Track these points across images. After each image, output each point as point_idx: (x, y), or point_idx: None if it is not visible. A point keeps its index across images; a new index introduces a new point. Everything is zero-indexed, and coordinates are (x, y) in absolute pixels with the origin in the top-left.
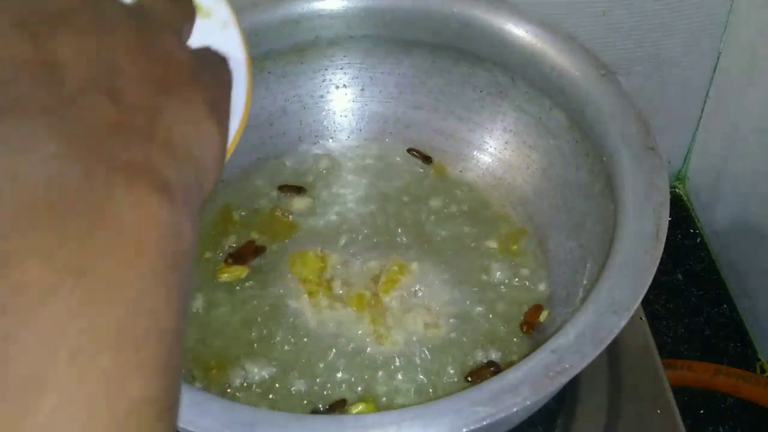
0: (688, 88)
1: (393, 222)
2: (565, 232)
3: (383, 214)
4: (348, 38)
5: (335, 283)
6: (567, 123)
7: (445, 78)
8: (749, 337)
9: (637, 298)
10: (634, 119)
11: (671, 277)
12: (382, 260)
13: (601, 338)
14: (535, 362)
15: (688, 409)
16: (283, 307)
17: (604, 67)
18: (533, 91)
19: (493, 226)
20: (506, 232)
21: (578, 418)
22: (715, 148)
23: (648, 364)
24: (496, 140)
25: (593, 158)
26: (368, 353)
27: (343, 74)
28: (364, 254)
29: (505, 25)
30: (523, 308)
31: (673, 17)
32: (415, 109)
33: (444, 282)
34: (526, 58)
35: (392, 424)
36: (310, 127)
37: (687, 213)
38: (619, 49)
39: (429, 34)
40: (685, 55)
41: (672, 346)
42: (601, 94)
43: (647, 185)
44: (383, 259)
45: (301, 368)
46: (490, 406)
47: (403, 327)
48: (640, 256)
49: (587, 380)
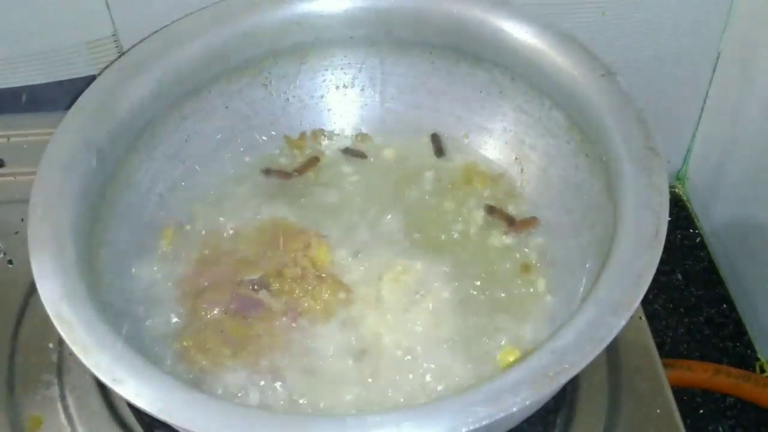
0: (688, 88)
1: (392, 221)
2: (565, 232)
3: (383, 213)
4: (348, 38)
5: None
6: (567, 123)
7: (445, 78)
8: (749, 337)
9: (637, 298)
10: (634, 119)
11: (671, 277)
12: (382, 260)
13: (600, 338)
14: (534, 362)
15: (688, 408)
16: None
17: (604, 67)
18: (533, 91)
19: (493, 226)
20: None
21: (578, 418)
22: (715, 148)
23: (648, 364)
24: (496, 140)
25: (593, 158)
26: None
27: (343, 74)
28: (365, 254)
29: (505, 25)
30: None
31: (673, 17)
32: (415, 109)
33: (445, 281)
34: (526, 58)
35: (392, 424)
36: (310, 127)
37: (687, 213)
38: (619, 49)
39: (429, 34)
40: (685, 55)
41: (672, 346)
42: (601, 94)
43: (647, 185)
44: (383, 259)
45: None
46: (489, 406)
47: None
48: (640, 256)
49: (587, 380)
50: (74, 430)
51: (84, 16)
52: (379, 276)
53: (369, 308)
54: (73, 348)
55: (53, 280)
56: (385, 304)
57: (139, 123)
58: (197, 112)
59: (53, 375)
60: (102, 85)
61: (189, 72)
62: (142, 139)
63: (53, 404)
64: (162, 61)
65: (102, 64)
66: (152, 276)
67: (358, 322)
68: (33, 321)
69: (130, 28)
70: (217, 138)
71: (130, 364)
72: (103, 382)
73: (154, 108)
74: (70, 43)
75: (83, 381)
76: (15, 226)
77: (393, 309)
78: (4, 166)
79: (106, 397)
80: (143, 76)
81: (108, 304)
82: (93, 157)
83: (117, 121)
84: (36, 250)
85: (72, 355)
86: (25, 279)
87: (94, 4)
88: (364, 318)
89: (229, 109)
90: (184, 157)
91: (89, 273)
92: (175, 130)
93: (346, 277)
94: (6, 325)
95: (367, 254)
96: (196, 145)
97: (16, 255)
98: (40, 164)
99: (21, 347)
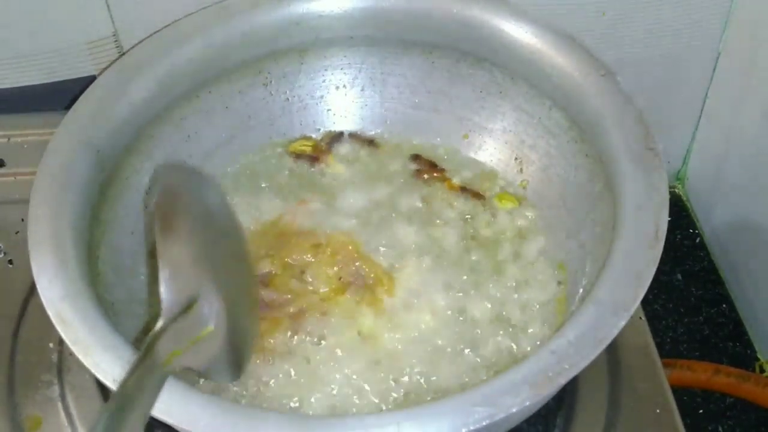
0: (688, 88)
1: (392, 222)
2: (565, 232)
3: (382, 213)
4: (348, 38)
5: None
6: (567, 123)
7: (445, 78)
8: (749, 337)
9: (637, 298)
10: (634, 119)
11: (671, 277)
12: (382, 260)
13: (600, 338)
14: (534, 363)
15: (688, 408)
16: None
17: (604, 67)
18: (533, 91)
19: (493, 226)
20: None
21: (578, 418)
22: (715, 148)
23: (647, 364)
24: (496, 140)
25: (593, 158)
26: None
27: (343, 74)
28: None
29: (505, 25)
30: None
31: (673, 17)
32: (415, 109)
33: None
34: (526, 58)
35: (392, 424)
36: (310, 127)
37: (686, 213)
38: (619, 49)
39: (429, 34)
40: (685, 55)
41: (671, 346)
42: (601, 94)
43: (647, 185)
44: (383, 259)
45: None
46: (489, 406)
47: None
48: (640, 256)
49: (587, 380)
50: (74, 430)
51: (84, 16)
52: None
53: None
54: (73, 348)
55: (53, 280)
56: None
57: (139, 123)
58: (197, 112)
59: (53, 375)
60: (102, 85)
61: (189, 72)
62: (142, 139)
63: (53, 404)
64: (162, 61)
65: (102, 64)
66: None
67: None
68: (33, 321)
69: (130, 28)
70: (217, 138)
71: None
72: (103, 382)
73: (154, 108)
74: (70, 43)
75: (83, 381)
76: (15, 226)
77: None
78: (4, 166)
79: (106, 397)
80: (143, 76)
81: (108, 304)
82: (93, 157)
83: (117, 121)
84: (36, 250)
85: (72, 355)
86: (25, 279)
87: (94, 4)
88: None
89: (229, 109)
90: (184, 157)
91: (89, 273)
92: (175, 130)
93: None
94: (6, 325)
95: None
96: (196, 145)
97: (16, 255)
98: (40, 164)
99: (21, 347)
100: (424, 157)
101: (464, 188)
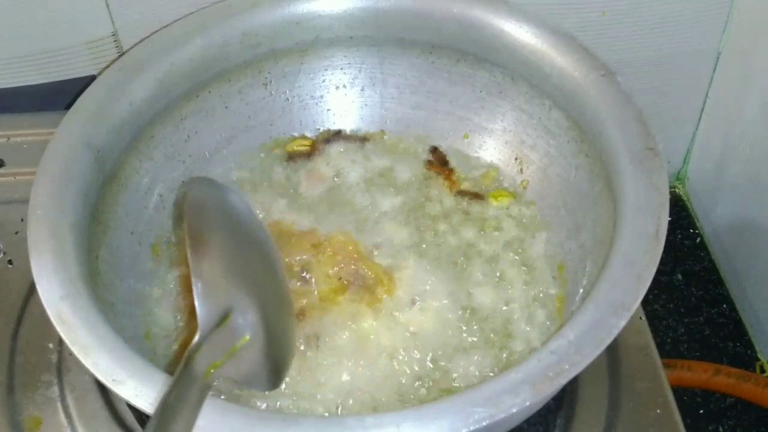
0: (688, 88)
1: (392, 222)
2: (565, 232)
3: (382, 214)
4: (348, 38)
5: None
6: (567, 123)
7: (445, 78)
8: (749, 337)
9: (637, 298)
10: (634, 119)
11: (671, 277)
12: (382, 260)
13: (601, 338)
14: (534, 363)
15: (688, 408)
16: None
17: (604, 67)
18: (533, 91)
19: (493, 226)
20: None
21: (578, 418)
22: (715, 148)
23: (648, 364)
24: (496, 140)
25: (593, 158)
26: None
27: (343, 74)
28: (365, 254)
29: (505, 25)
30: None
31: (673, 17)
32: (415, 109)
33: (445, 282)
34: (526, 58)
35: (392, 424)
36: (310, 127)
37: (687, 213)
38: (619, 49)
39: (429, 34)
40: (685, 55)
41: (671, 346)
42: (601, 94)
43: (647, 185)
44: (383, 259)
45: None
46: (489, 406)
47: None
48: (640, 256)
49: (587, 380)
50: (74, 430)
51: (84, 16)
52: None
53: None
54: (73, 348)
55: (53, 280)
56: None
57: (139, 123)
58: (197, 112)
59: (53, 375)
60: (102, 85)
61: (189, 72)
62: (141, 139)
63: (53, 404)
64: (162, 61)
65: (102, 64)
66: (152, 276)
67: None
68: (33, 321)
69: (130, 28)
70: (217, 138)
71: (130, 364)
72: (103, 382)
73: (154, 108)
74: (70, 43)
75: (83, 381)
76: (15, 226)
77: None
78: (4, 166)
79: (105, 397)
80: (143, 76)
81: (108, 304)
82: (93, 157)
83: (117, 121)
84: (36, 250)
85: (72, 355)
86: (25, 279)
87: (94, 4)
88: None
89: (229, 109)
90: (184, 157)
91: (89, 273)
92: (175, 130)
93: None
94: (6, 325)
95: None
96: (196, 145)
97: (16, 255)
98: (40, 164)
99: (21, 347)
100: (441, 152)
101: (464, 188)
